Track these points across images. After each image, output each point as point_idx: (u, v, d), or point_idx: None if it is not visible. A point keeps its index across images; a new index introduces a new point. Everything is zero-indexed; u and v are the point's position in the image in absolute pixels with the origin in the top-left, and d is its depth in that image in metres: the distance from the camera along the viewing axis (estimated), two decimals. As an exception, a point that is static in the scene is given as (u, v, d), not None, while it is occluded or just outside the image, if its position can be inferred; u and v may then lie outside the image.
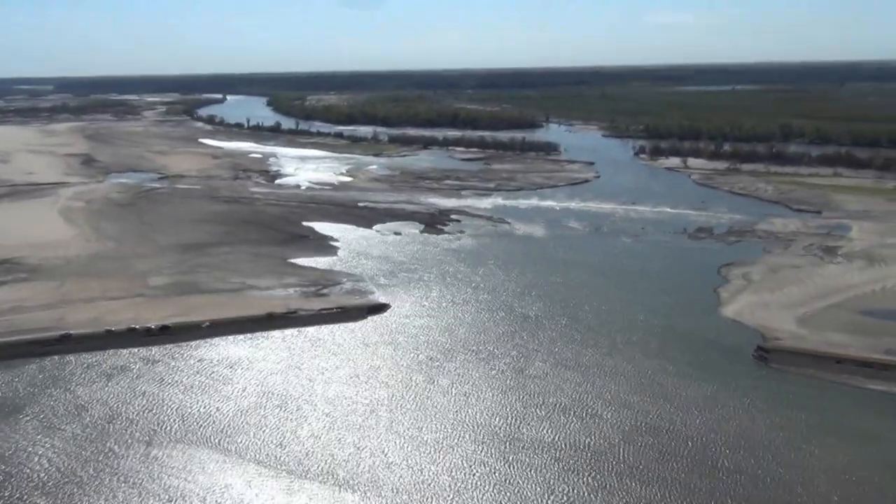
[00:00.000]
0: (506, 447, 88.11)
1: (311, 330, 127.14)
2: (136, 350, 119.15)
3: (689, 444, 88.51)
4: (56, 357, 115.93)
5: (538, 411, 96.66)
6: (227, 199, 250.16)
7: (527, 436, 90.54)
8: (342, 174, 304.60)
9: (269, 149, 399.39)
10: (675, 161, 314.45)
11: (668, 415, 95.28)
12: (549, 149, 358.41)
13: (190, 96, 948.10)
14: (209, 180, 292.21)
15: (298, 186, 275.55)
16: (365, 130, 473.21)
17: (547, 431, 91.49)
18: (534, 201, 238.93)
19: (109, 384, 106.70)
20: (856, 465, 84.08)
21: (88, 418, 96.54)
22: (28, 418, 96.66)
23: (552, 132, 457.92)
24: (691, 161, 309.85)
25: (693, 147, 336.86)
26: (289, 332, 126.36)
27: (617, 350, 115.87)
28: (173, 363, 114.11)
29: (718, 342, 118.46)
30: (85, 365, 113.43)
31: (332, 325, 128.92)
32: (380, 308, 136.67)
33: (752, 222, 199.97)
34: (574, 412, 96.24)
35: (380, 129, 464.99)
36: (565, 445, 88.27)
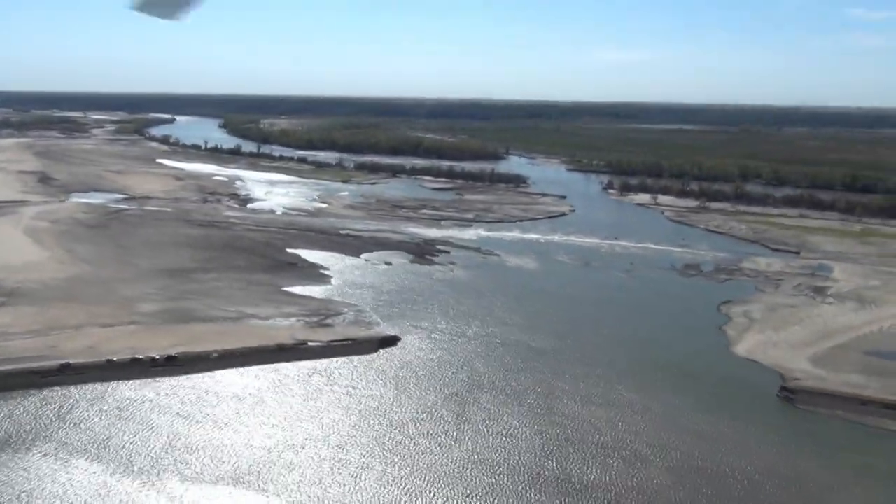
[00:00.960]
0: (559, 489, 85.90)
1: (323, 363, 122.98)
2: (142, 382, 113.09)
3: (739, 486, 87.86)
4: (58, 388, 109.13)
5: (580, 451, 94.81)
6: (203, 222, 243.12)
7: (577, 478, 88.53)
8: (315, 200, 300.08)
9: (232, 172, 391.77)
10: (644, 197, 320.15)
11: (711, 456, 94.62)
12: (518, 181, 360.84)
13: (138, 115, 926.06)
14: (178, 203, 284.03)
15: (273, 212, 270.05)
16: (326, 156, 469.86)
17: (596, 473, 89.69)
18: (516, 234, 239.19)
19: (122, 418, 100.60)
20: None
21: (108, 455, 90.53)
22: (42, 455, 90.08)
23: (516, 164, 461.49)
24: (661, 198, 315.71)
25: (661, 184, 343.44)
26: (301, 364, 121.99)
27: (641, 388, 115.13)
28: (186, 396, 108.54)
29: (739, 381, 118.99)
30: (90, 397, 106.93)
31: (344, 359, 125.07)
32: (391, 341, 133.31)
33: (736, 260, 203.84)
34: (617, 453, 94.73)
35: (343, 156, 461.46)
36: (619, 487, 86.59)
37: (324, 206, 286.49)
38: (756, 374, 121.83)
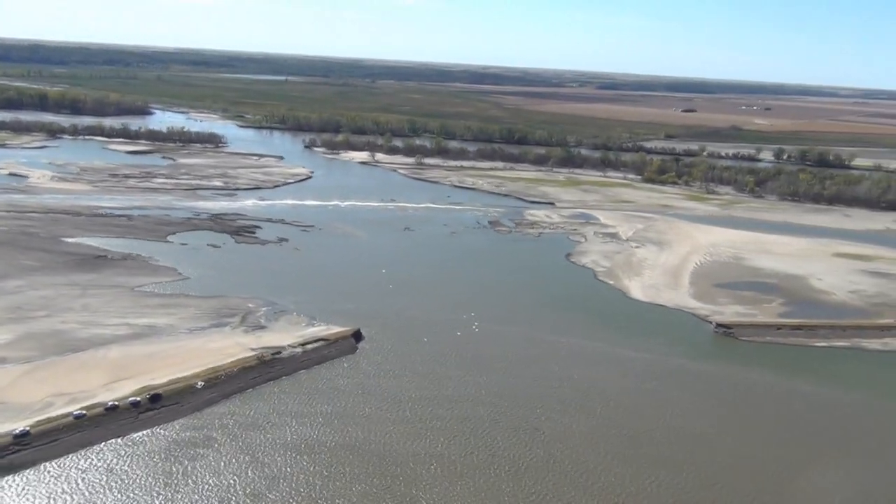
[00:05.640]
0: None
1: (321, 371, 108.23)
2: (141, 435, 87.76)
3: (770, 406, 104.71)
4: (29, 471, 79.10)
5: (633, 401, 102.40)
6: None
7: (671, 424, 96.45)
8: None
9: None
10: (362, 155, 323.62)
11: (729, 387, 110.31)
12: (216, 141, 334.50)
13: None
14: None
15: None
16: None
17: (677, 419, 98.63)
18: (292, 201, 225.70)
19: (158, 487, 77.93)
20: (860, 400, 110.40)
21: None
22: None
23: (176, 120, 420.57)
24: (379, 156, 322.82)
25: (364, 141, 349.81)
26: (300, 378, 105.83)
27: (601, 340, 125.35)
28: (214, 441, 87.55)
29: (666, 324, 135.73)
30: (82, 468, 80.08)
31: (337, 362, 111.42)
32: (357, 335, 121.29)
33: (519, 214, 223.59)
34: (612, 399, 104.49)
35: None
36: (658, 425, 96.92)
37: (28, 179, 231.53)
38: (674, 316, 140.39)
